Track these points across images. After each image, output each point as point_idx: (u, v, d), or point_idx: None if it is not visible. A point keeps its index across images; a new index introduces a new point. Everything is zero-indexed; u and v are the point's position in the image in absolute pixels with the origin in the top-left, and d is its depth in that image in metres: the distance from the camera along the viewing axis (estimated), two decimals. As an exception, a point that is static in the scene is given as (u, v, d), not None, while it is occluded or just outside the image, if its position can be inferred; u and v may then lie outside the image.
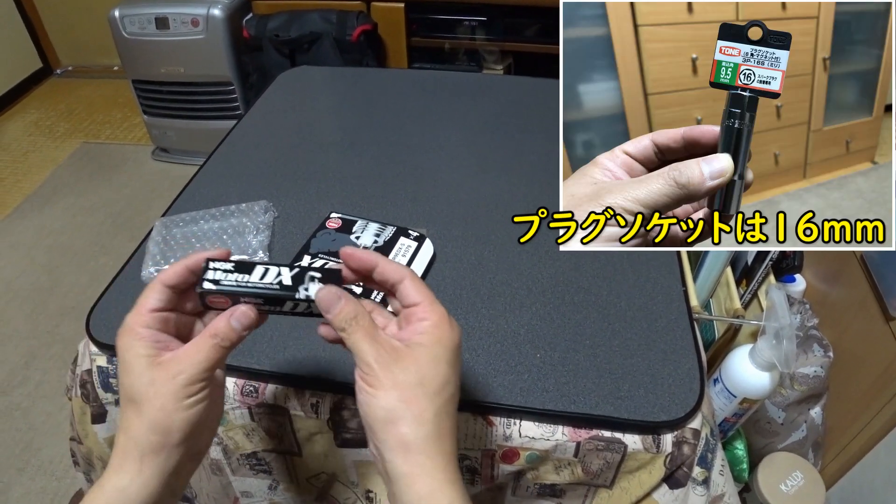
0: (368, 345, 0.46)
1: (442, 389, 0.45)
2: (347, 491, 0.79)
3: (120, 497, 0.45)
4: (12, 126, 3.11)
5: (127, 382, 0.46)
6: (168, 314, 0.50)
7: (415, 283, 0.48)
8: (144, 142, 2.88)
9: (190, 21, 2.27)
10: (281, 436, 0.74)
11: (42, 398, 1.78)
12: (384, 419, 0.44)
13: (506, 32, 2.33)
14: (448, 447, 0.45)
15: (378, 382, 0.45)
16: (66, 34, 3.46)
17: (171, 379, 0.46)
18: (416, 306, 0.48)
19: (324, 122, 1.18)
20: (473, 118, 1.16)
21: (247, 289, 0.48)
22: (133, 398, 0.46)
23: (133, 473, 0.45)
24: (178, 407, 0.46)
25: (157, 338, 0.48)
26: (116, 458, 0.46)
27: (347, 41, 2.25)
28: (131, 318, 0.48)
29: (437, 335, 0.46)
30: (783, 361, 0.81)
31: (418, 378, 0.45)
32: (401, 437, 0.44)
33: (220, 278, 0.49)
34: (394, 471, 0.44)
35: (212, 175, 1.02)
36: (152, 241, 0.83)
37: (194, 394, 0.46)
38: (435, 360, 0.46)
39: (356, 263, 0.50)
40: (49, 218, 2.47)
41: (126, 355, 0.47)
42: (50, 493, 1.56)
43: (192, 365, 0.46)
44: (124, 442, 0.46)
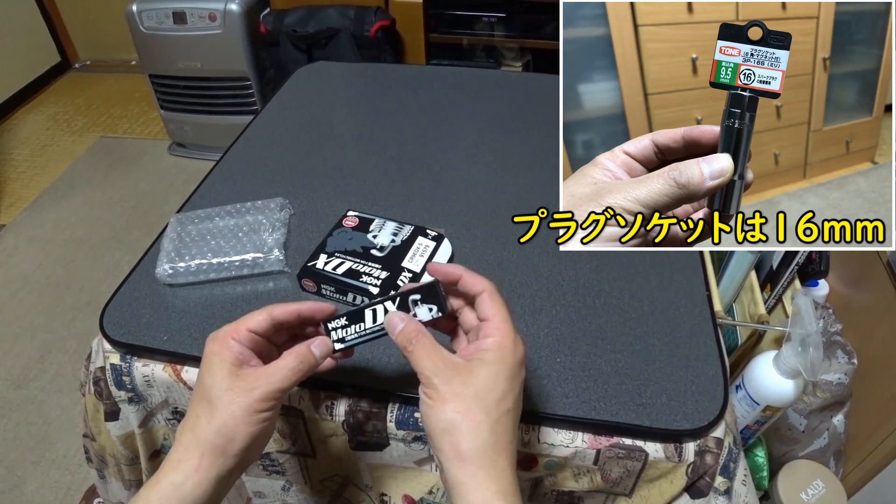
0: (429, 360, 0.49)
1: (498, 404, 0.47)
2: (361, 494, 0.78)
3: (174, 493, 0.48)
4: (31, 120, 3.13)
5: (208, 383, 0.50)
6: (260, 339, 0.54)
7: (492, 297, 0.52)
8: (161, 136, 2.89)
9: (207, 16, 2.27)
10: (295, 437, 0.73)
11: (57, 392, 1.79)
12: (442, 429, 0.47)
13: (524, 29, 2.31)
14: (503, 461, 0.47)
15: (437, 395, 0.47)
16: (84, 29, 3.48)
17: (249, 391, 0.49)
18: (488, 322, 0.51)
19: (341, 119, 1.17)
20: (492, 115, 1.14)
21: (368, 336, 0.55)
22: (209, 399, 0.50)
23: (190, 471, 0.49)
24: (247, 419, 0.49)
25: (243, 352, 0.52)
26: (177, 454, 0.50)
27: (365, 37, 2.24)
28: (228, 329, 0.53)
29: (499, 354, 0.49)
30: (809, 369, 0.79)
31: (475, 392, 0.47)
32: (456, 446, 0.46)
33: (343, 335, 0.55)
34: (450, 479, 0.47)
35: (228, 171, 1.01)
36: (167, 237, 0.83)
37: (264, 409, 0.50)
38: (494, 376, 0.48)
39: (441, 277, 0.54)
40: (66, 212, 2.48)
41: (213, 359, 0.51)
42: (64, 486, 1.57)
43: (269, 383, 0.50)
44: (189, 440, 0.50)
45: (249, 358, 0.53)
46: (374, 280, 0.73)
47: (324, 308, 0.56)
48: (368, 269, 0.75)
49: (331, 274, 0.75)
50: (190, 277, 0.79)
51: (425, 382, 0.48)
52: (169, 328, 0.74)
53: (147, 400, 0.75)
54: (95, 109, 3.19)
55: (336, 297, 0.76)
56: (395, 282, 0.73)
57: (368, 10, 2.25)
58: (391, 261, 0.76)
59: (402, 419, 0.67)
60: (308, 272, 0.76)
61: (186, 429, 0.50)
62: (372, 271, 0.74)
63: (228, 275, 0.79)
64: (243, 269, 0.79)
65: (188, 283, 0.79)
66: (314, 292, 0.77)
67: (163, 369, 0.72)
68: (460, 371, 0.48)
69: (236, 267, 0.79)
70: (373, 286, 0.73)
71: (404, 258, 0.76)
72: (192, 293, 0.78)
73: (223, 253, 0.80)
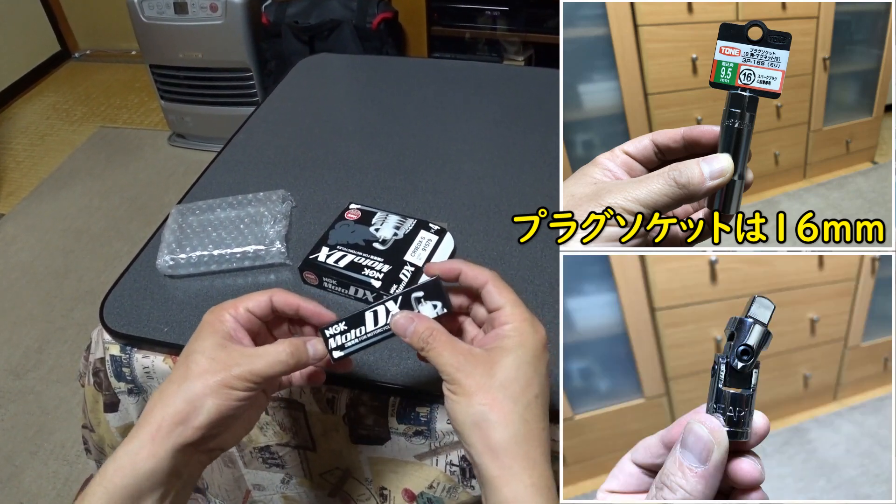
0: (448, 355, 0.47)
1: (525, 391, 0.46)
2: (361, 487, 0.77)
3: (128, 463, 0.46)
4: (30, 109, 3.12)
5: (191, 349, 0.49)
6: (257, 321, 0.53)
7: (497, 286, 0.49)
8: (161, 127, 2.88)
9: (209, 6, 2.26)
10: (296, 430, 0.72)
11: (55, 382, 1.78)
12: (471, 424, 0.45)
13: (527, 23, 2.30)
14: (536, 450, 0.45)
15: (461, 389, 0.46)
16: (84, 18, 3.46)
17: (228, 366, 0.47)
18: (499, 311, 0.48)
19: (343, 111, 1.16)
20: (494, 110, 1.14)
21: (370, 339, 0.52)
22: (187, 365, 0.48)
23: (146, 439, 0.46)
24: (218, 391, 0.47)
25: (236, 329, 0.51)
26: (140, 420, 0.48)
27: (367, 29, 2.23)
28: (227, 304, 0.52)
29: (518, 339, 0.47)
30: None
31: (500, 382, 0.45)
32: (487, 440, 0.44)
33: (343, 342, 0.52)
34: (484, 474, 0.45)
35: (229, 162, 1.00)
36: (168, 228, 0.82)
37: (239, 389, 0.48)
38: (516, 363, 0.46)
39: (441, 274, 0.52)
40: (65, 202, 2.48)
41: (205, 329, 0.50)
42: (62, 476, 1.56)
43: (252, 363, 0.48)
44: (154, 402, 0.48)
45: (242, 337, 0.51)
46: (377, 273, 0.73)
47: (323, 314, 0.54)
48: (371, 263, 0.74)
49: (333, 267, 0.74)
50: (191, 269, 0.78)
51: (448, 378, 0.47)
52: (169, 319, 0.73)
53: (147, 391, 0.74)
54: (95, 99, 3.18)
55: (338, 290, 0.75)
56: (398, 275, 0.73)
57: (371, 2, 2.24)
58: (393, 254, 0.75)
59: (403, 413, 0.66)
60: (310, 265, 0.75)
61: (156, 394, 0.49)
62: (374, 264, 0.74)
63: (230, 267, 0.79)
64: (244, 261, 0.79)
65: (189, 275, 0.79)
66: (316, 285, 0.76)
67: (163, 361, 0.71)
68: (481, 362, 0.46)
69: (237, 259, 0.78)
70: (375, 279, 0.72)
71: (407, 252, 0.76)
72: (192, 285, 0.78)
73: (224, 245, 0.79)
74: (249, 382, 0.48)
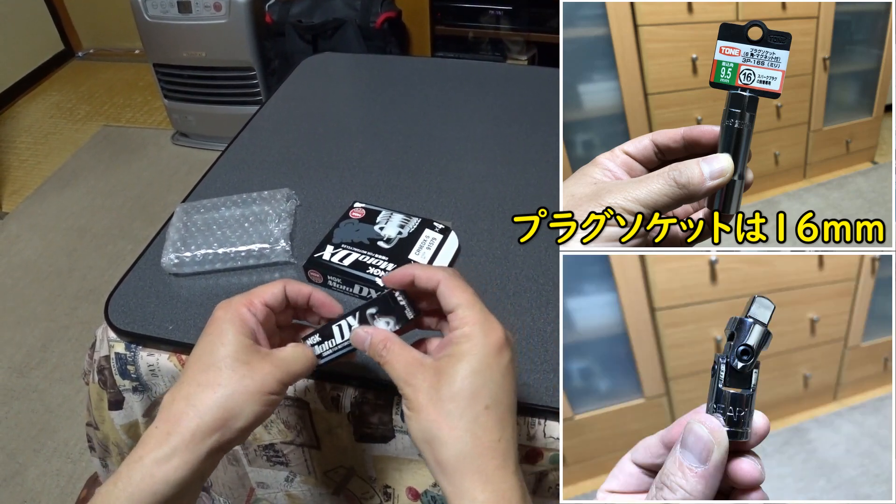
0: (400, 367, 0.46)
1: (471, 404, 0.43)
2: (365, 486, 0.78)
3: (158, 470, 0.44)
4: (34, 108, 3.13)
5: (220, 353, 0.47)
6: (272, 315, 0.51)
7: (450, 286, 0.47)
8: (164, 126, 2.88)
9: (212, 5, 2.26)
10: (300, 428, 0.73)
11: (59, 381, 1.79)
12: (422, 440, 0.44)
13: (530, 22, 2.30)
14: (491, 463, 0.43)
15: (411, 404, 0.44)
16: (88, 17, 3.47)
17: (267, 371, 0.47)
18: (452, 314, 0.46)
19: (347, 110, 1.17)
20: (498, 109, 1.14)
21: (340, 350, 0.52)
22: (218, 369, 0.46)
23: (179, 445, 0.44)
24: (258, 398, 0.46)
25: (256, 328, 0.49)
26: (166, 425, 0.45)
27: (371, 28, 2.23)
28: (241, 299, 0.50)
29: (466, 346, 0.44)
30: None
31: (447, 395, 0.43)
32: (436, 457, 0.43)
33: (320, 352, 0.52)
34: (442, 491, 0.44)
35: (233, 161, 1.00)
36: (173, 227, 0.82)
37: (278, 393, 0.47)
38: (462, 373, 0.44)
39: (395, 284, 0.50)
40: (69, 200, 2.48)
41: (225, 327, 0.48)
42: (66, 475, 1.57)
43: (288, 366, 0.48)
44: (182, 409, 0.45)
45: (261, 334, 0.50)
46: (381, 272, 0.73)
47: (331, 305, 0.53)
48: (375, 261, 0.74)
49: (337, 265, 0.74)
50: (195, 267, 0.79)
51: (400, 392, 0.45)
52: (174, 318, 0.74)
53: (151, 389, 0.75)
54: (99, 98, 3.18)
55: (343, 288, 0.75)
56: (402, 274, 0.73)
57: (374, 1, 2.24)
58: (398, 253, 0.76)
59: (408, 412, 0.67)
60: (315, 263, 0.76)
61: (179, 398, 0.46)
62: (379, 263, 0.74)
63: (234, 265, 0.79)
64: (249, 260, 0.79)
65: (194, 273, 0.79)
66: (320, 283, 0.77)
67: (168, 359, 0.72)
68: (430, 374, 0.44)
69: (242, 257, 0.79)
70: (379, 278, 0.73)
71: (411, 250, 0.76)
72: (197, 283, 0.78)
73: (229, 243, 0.79)
74: (286, 385, 0.48)
